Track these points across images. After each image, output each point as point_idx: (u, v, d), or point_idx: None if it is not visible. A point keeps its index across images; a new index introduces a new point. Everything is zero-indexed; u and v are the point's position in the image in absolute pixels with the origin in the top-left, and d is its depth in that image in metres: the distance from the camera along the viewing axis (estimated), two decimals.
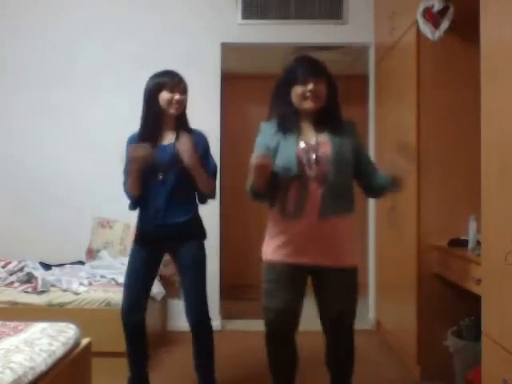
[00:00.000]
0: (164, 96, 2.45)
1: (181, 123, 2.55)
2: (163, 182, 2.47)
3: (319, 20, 4.17)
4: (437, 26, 2.81)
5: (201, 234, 2.60)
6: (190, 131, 2.56)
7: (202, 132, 2.62)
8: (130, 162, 2.43)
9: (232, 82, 5.00)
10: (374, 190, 2.34)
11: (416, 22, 2.96)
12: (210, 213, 4.10)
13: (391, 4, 3.63)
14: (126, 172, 2.51)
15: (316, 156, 2.15)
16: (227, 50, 4.24)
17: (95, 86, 4.15)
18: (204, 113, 4.11)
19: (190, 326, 2.57)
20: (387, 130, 3.79)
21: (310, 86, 2.16)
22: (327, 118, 2.22)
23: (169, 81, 2.47)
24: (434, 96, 3.05)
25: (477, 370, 2.25)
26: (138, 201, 2.53)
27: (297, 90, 2.18)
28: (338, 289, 2.21)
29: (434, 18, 2.82)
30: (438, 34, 2.83)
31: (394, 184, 2.25)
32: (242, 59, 4.95)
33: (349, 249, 2.23)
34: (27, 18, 4.17)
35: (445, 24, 2.79)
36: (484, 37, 2.06)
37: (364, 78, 4.38)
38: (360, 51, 4.45)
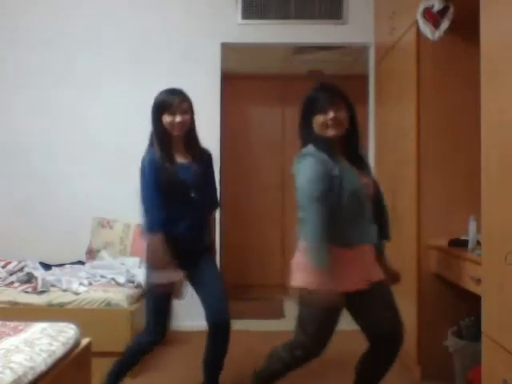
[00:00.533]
0: (166, 119, 2.45)
1: (192, 142, 2.56)
2: (194, 200, 2.49)
3: (319, 20, 4.17)
4: (437, 26, 2.81)
5: (215, 248, 2.77)
6: (201, 150, 2.61)
7: (210, 152, 2.68)
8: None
9: (232, 82, 5.00)
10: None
11: (416, 22, 2.96)
12: None
13: (391, 4, 3.63)
14: (151, 198, 2.43)
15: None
16: (227, 50, 4.23)
17: (95, 86, 4.15)
18: (204, 113, 4.08)
19: (210, 326, 2.51)
20: (387, 130, 3.79)
21: (331, 115, 2.15)
22: (354, 147, 2.26)
23: (169, 103, 2.45)
24: (433, 96, 3.05)
25: (477, 369, 2.25)
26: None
27: (318, 120, 2.18)
28: (384, 297, 2.29)
29: (434, 18, 2.82)
30: (438, 33, 2.83)
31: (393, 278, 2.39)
32: (242, 59, 4.95)
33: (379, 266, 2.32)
34: (27, 17, 4.17)
35: (445, 24, 2.79)
36: (484, 37, 2.06)
37: (364, 78, 4.38)
38: (360, 51, 4.45)
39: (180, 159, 2.51)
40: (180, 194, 2.46)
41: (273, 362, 2.38)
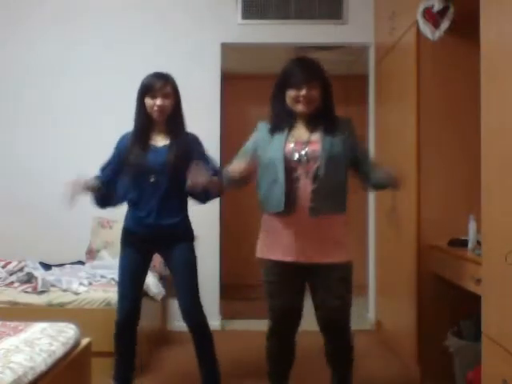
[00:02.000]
0: (147, 102, 2.48)
1: (173, 126, 2.54)
2: (156, 185, 2.48)
3: (319, 20, 4.17)
4: (437, 26, 2.81)
5: (190, 236, 2.62)
6: (183, 135, 2.56)
7: (195, 135, 2.61)
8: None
9: (232, 82, 5.00)
10: (372, 185, 2.37)
11: (416, 22, 2.96)
12: (209, 213, 4.12)
13: (391, 4, 3.63)
14: (104, 165, 2.64)
15: (306, 153, 2.18)
16: (227, 50, 4.23)
17: (95, 86, 4.15)
18: (204, 113, 4.11)
19: (187, 327, 2.57)
20: (387, 130, 3.79)
21: (303, 92, 2.20)
22: (320, 118, 2.25)
23: (151, 85, 2.47)
24: (434, 96, 3.05)
25: (477, 369, 2.25)
26: (102, 198, 2.59)
27: (290, 94, 2.23)
28: (332, 286, 2.22)
29: (434, 18, 2.82)
30: (438, 33, 2.83)
31: (393, 183, 2.26)
32: (242, 59, 4.95)
33: (339, 245, 2.23)
34: (29, 19, 4.17)
35: (445, 24, 2.79)
36: (484, 37, 2.06)
37: (364, 78, 4.38)
38: (360, 51, 4.45)
39: (158, 142, 2.52)
40: (142, 177, 2.48)
41: (266, 356, 2.41)
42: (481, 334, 2.08)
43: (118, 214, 3.93)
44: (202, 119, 4.08)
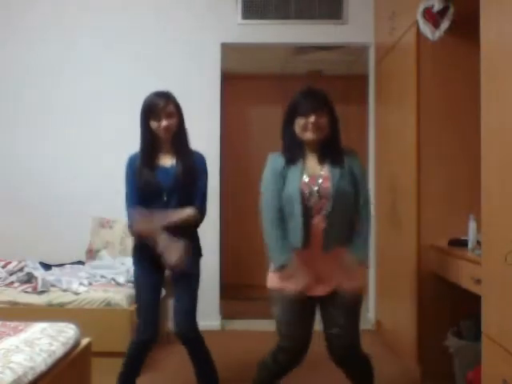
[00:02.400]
0: (152, 124, 2.48)
1: (178, 145, 2.54)
2: (167, 203, 2.48)
3: (319, 20, 4.17)
4: (437, 26, 2.81)
5: (198, 252, 2.62)
6: (190, 154, 2.56)
7: (201, 155, 2.60)
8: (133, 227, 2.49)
9: (232, 82, 5.00)
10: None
11: (416, 22, 2.96)
12: (209, 213, 4.10)
13: (391, 4, 3.64)
14: (130, 193, 2.52)
15: (318, 190, 2.22)
16: (227, 50, 4.24)
17: (95, 86, 4.15)
18: (204, 113, 4.11)
19: (181, 343, 2.55)
20: (387, 130, 3.79)
21: (312, 119, 2.22)
22: (329, 149, 2.28)
23: (154, 106, 2.46)
24: (434, 96, 3.06)
25: (477, 369, 2.25)
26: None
27: (299, 122, 2.26)
28: (337, 312, 2.26)
29: (434, 18, 2.82)
30: (438, 33, 2.83)
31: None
32: (242, 59, 4.95)
33: (350, 275, 2.24)
34: (29, 19, 4.17)
35: (445, 24, 2.79)
36: (484, 37, 2.06)
37: (364, 78, 4.38)
38: (360, 51, 4.45)
39: (164, 161, 2.53)
40: (155, 197, 2.48)
41: (261, 370, 2.43)
42: (481, 334, 2.08)
43: (118, 214, 3.96)
44: (202, 119, 4.09)
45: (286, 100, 2.43)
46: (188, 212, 2.47)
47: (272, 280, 2.30)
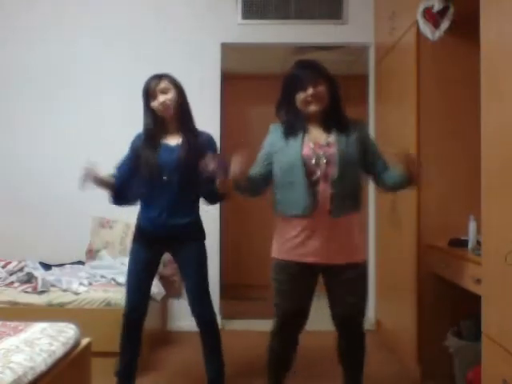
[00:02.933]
0: (153, 105, 2.50)
1: (184, 124, 2.55)
2: (168, 183, 2.49)
3: (319, 20, 4.17)
4: (437, 26, 2.81)
5: (201, 235, 2.63)
6: (196, 133, 2.57)
7: (209, 134, 2.62)
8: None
9: (232, 82, 5.00)
10: (388, 186, 2.35)
11: (416, 22, 2.96)
12: (210, 213, 4.11)
13: (391, 4, 3.63)
14: (120, 165, 2.64)
15: (325, 156, 2.20)
16: (227, 50, 4.23)
17: (95, 85, 4.15)
18: (204, 113, 4.09)
19: (197, 325, 2.60)
20: (387, 130, 3.79)
21: (310, 91, 2.23)
22: (333, 118, 2.28)
23: (148, 87, 2.51)
24: (434, 96, 3.05)
25: (477, 369, 2.25)
26: (117, 196, 2.65)
27: (299, 97, 2.26)
28: (350, 284, 2.25)
29: (434, 18, 2.82)
30: (438, 33, 2.83)
31: (410, 181, 2.24)
32: (242, 59, 4.94)
33: (358, 245, 2.28)
34: (28, 17, 4.17)
35: (445, 24, 2.79)
36: (484, 37, 2.06)
37: (364, 78, 4.38)
38: (360, 51, 4.45)
39: (169, 140, 2.54)
40: (154, 177, 2.49)
41: (268, 353, 2.43)
42: (481, 334, 2.08)
43: (118, 213, 3.96)
44: (202, 119, 4.07)
45: None
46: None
47: (273, 249, 2.35)
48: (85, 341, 2.24)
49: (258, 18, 4.16)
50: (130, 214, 3.92)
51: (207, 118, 4.10)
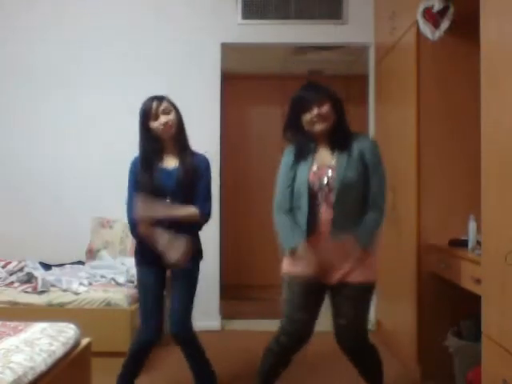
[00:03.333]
0: (152, 125, 2.49)
1: (180, 146, 2.54)
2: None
3: (319, 20, 4.17)
4: (437, 26, 2.81)
5: (198, 254, 2.60)
6: (190, 154, 2.56)
7: (204, 156, 2.59)
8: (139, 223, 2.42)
9: (232, 82, 5.00)
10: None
11: (416, 22, 2.96)
12: None
13: (391, 4, 3.63)
14: (130, 197, 2.50)
15: (327, 180, 2.27)
16: (227, 50, 4.23)
17: (95, 85, 4.15)
18: (204, 113, 4.11)
19: (173, 339, 2.55)
20: (387, 130, 3.79)
21: (315, 111, 2.27)
22: (337, 136, 2.32)
23: (149, 108, 2.48)
24: (434, 96, 3.05)
25: (477, 369, 2.25)
26: None
27: (306, 118, 2.30)
28: (345, 303, 2.29)
29: (433, 18, 2.82)
30: (438, 33, 2.83)
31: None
32: (242, 59, 4.94)
33: (361, 265, 2.26)
34: (28, 17, 4.17)
35: (445, 24, 2.79)
36: (484, 37, 2.06)
37: (364, 78, 4.38)
38: (360, 51, 4.45)
39: (168, 163, 2.54)
40: (158, 199, 2.47)
41: (266, 357, 2.42)
42: (481, 334, 2.08)
43: (118, 214, 3.96)
44: (202, 119, 4.09)
45: (286, 100, 2.44)
46: (192, 210, 2.47)
47: (284, 264, 2.35)
48: (85, 341, 2.24)
49: (258, 17, 4.16)
50: None
51: (207, 118, 4.12)
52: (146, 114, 2.49)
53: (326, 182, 2.26)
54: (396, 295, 3.59)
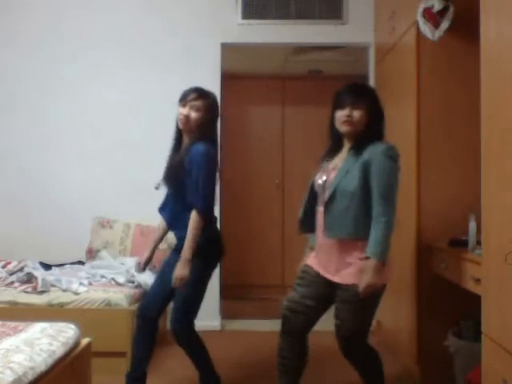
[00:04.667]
0: (178, 110, 2.50)
1: (191, 141, 2.51)
2: (172, 196, 2.61)
3: (319, 20, 4.17)
4: (437, 26, 2.81)
5: (199, 251, 2.57)
6: (190, 149, 2.48)
7: (196, 149, 2.46)
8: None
9: (232, 82, 5.00)
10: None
11: (416, 22, 2.96)
12: None
13: (391, 4, 3.64)
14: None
15: (325, 180, 2.34)
16: (227, 50, 4.23)
17: (95, 87, 4.15)
18: None
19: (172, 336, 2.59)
20: (387, 130, 3.78)
21: (346, 111, 2.27)
22: (361, 142, 2.29)
23: (184, 95, 2.51)
24: (434, 96, 3.05)
25: (477, 369, 2.25)
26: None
27: (337, 115, 2.32)
28: (340, 304, 2.31)
29: (433, 18, 2.82)
30: (438, 33, 2.83)
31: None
32: (242, 59, 4.94)
33: (352, 269, 2.25)
34: (27, 20, 4.17)
35: (445, 24, 2.79)
36: (484, 37, 2.06)
37: (364, 78, 4.37)
38: (360, 51, 4.45)
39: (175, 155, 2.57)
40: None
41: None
42: (481, 334, 2.08)
43: (118, 214, 3.96)
44: None
45: (286, 100, 2.45)
46: (191, 229, 2.40)
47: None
48: (85, 341, 2.23)
49: (257, 18, 4.16)
50: (130, 214, 3.94)
51: None
52: (180, 98, 2.51)
53: (321, 183, 2.34)
54: (396, 295, 3.58)
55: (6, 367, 1.65)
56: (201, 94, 2.52)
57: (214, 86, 4.12)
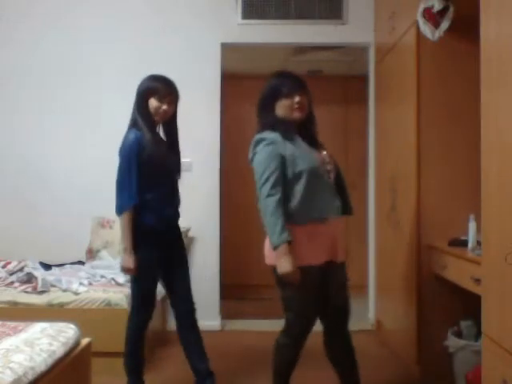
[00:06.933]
0: (152, 103, 2.50)
1: (170, 131, 2.62)
2: (176, 182, 2.62)
3: (319, 20, 4.17)
4: (437, 26, 2.81)
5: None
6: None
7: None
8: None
9: (232, 82, 5.00)
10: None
11: (416, 22, 2.96)
12: (210, 213, 4.12)
13: (391, 4, 3.64)
14: (127, 185, 2.44)
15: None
16: (227, 50, 4.23)
17: (95, 86, 4.15)
18: (204, 113, 4.11)
19: (181, 317, 2.61)
20: (387, 130, 3.79)
21: (297, 99, 2.29)
22: (307, 131, 2.37)
23: (160, 89, 2.49)
24: (434, 96, 3.06)
25: (477, 369, 2.25)
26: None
27: (284, 103, 2.30)
28: (342, 280, 2.39)
29: (433, 18, 2.82)
30: (438, 33, 2.83)
31: None
32: (242, 59, 4.95)
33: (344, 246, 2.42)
34: (28, 18, 4.17)
35: (445, 24, 2.79)
36: (484, 37, 2.06)
37: (364, 78, 4.38)
38: (360, 51, 4.45)
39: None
40: (167, 174, 2.55)
41: (278, 354, 2.41)
42: (481, 334, 2.08)
43: None
44: (202, 119, 4.09)
45: None
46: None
47: (301, 258, 2.23)
48: (85, 341, 2.23)
49: (257, 17, 4.16)
50: None
51: (207, 118, 4.12)
52: (154, 91, 2.49)
53: (330, 168, 2.38)
54: (396, 295, 3.59)
55: (6, 367, 1.66)
56: (174, 87, 2.59)
57: (214, 86, 4.16)
